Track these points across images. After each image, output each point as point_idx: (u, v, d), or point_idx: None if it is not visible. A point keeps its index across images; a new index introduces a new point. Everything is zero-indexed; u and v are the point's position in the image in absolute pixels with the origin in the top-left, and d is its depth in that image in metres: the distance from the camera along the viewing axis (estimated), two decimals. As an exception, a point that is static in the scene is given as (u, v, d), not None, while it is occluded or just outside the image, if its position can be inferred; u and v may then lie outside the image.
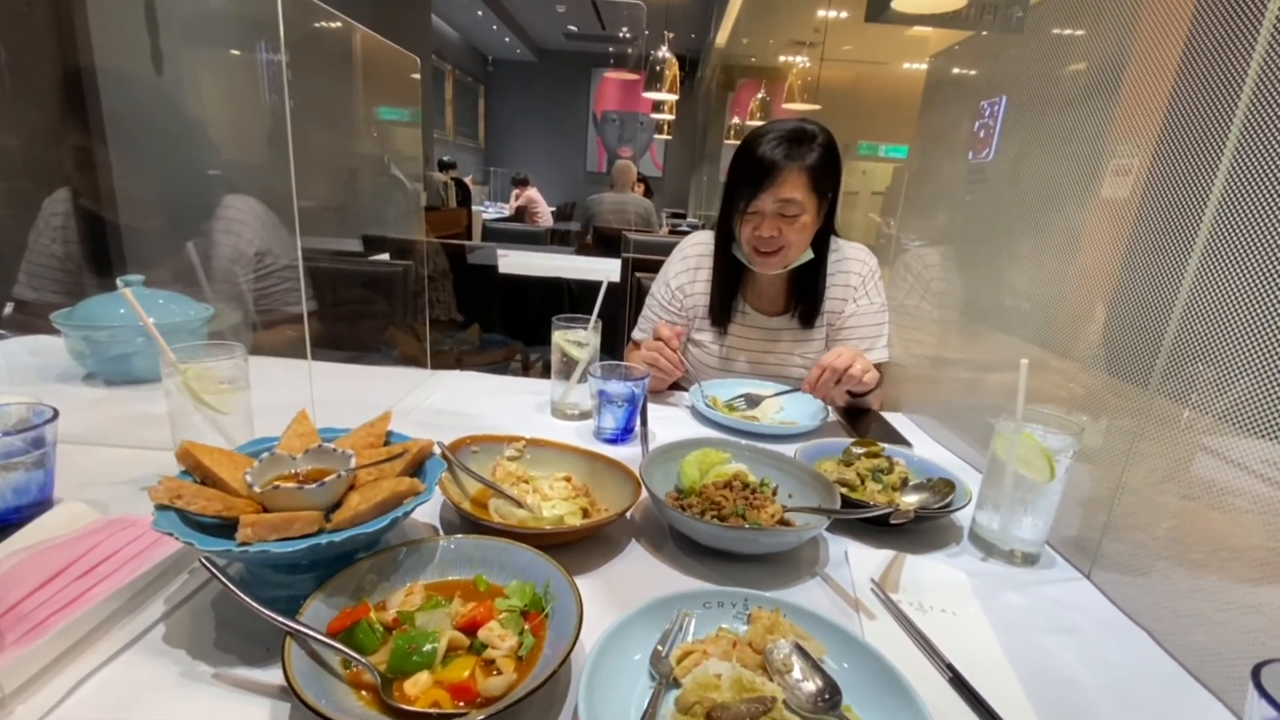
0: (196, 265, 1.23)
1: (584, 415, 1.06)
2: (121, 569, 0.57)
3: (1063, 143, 0.88)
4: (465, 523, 0.68)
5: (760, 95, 5.87)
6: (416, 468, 0.65)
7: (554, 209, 7.14)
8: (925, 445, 1.10)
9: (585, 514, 0.72)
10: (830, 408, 1.24)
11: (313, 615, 0.49)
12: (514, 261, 2.61)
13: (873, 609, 0.63)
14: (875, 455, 0.89)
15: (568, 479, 0.78)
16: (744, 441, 0.89)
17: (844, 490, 0.81)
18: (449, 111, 8.51)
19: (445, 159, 6.86)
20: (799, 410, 1.16)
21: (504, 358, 1.88)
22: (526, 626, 0.52)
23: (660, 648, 0.52)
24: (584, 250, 4.39)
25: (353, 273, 1.56)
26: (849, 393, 1.18)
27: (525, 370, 1.94)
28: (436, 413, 1.05)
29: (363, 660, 0.46)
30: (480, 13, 7.75)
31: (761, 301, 1.38)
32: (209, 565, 0.47)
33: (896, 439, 1.09)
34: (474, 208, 6.19)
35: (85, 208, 1.41)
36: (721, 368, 1.39)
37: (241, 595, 0.46)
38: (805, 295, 1.33)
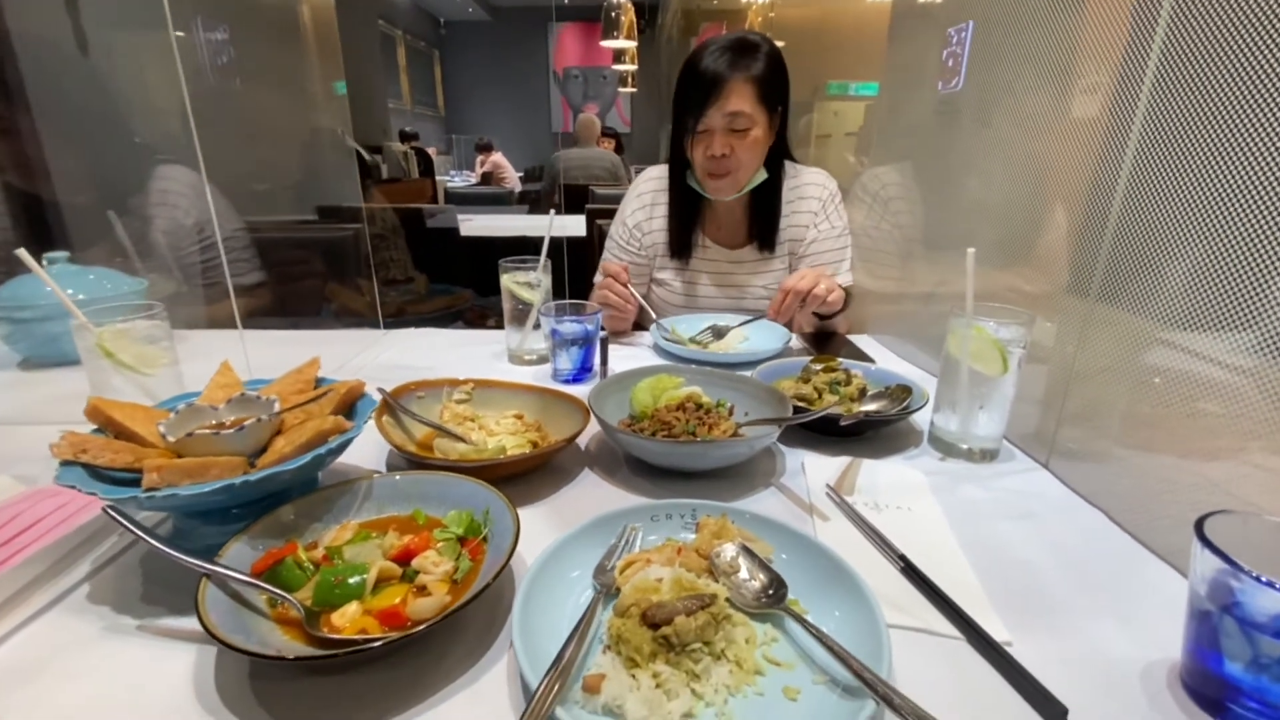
0: (121, 236, 1.17)
1: (543, 359, 1.04)
2: (45, 535, 0.54)
3: (1030, 64, 0.84)
4: (410, 464, 0.66)
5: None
6: (348, 408, 0.62)
7: (522, 173, 6.97)
8: (889, 362, 1.09)
9: (535, 446, 0.70)
10: (795, 334, 1.23)
11: (234, 557, 0.47)
12: (477, 225, 2.54)
13: (827, 512, 0.63)
14: (832, 370, 0.87)
15: (518, 416, 0.76)
16: (704, 366, 0.87)
17: (802, 404, 0.80)
18: (404, 80, 8.17)
19: (406, 129, 6.64)
20: (763, 339, 1.14)
21: (448, 304, 1.84)
22: (464, 552, 0.50)
23: (606, 561, 0.51)
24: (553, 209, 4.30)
25: (300, 240, 1.51)
26: (816, 315, 1.16)
27: (482, 323, 1.91)
28: (390, 368, 1.02)
29: (285, 595, 0.44)
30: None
31: (721, 233, 1.35)
32: (115, 514, 0.45)
33: (861, 358, 1.07)
34: (439, 177, 6.02)
35: (13, 185, 1.34)
36: (686, 305, 1.37)
37: (151, 540, 0.44)
38: (763, 221, 1.30)
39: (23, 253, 0.68)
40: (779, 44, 1.21)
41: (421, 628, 0.40)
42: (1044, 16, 0.79)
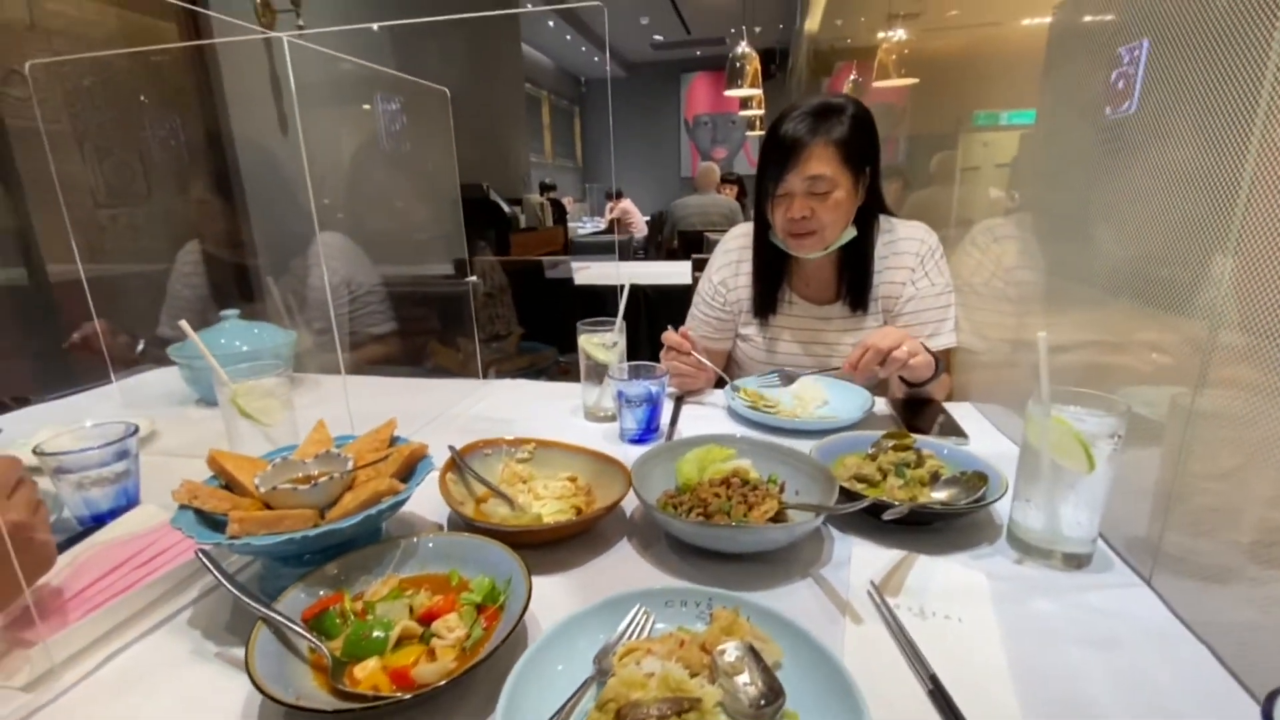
0: (275, 296, 1.39)
1: (614, 417, 1.07)
2: (166, 565, 0.66)
3: (1218, 84, 0.74)
4: (461, 521, 0.71)
5: (852, 78, 5.60)
6: (409, 470, 0.69)
7: (649, 218, 7.25)
8: (988, 438, 0.99)
9: (579, 512, 0.73)
10: (885, 400, 1.16)
11: (290, 602, 0.54)
12: (592, 273, 2.68)
13: (863, 613, 0.58)
14: (903, 449, 0.82)
15: (572, 479, 0.80)
16: (756, 436, 0.86)
17: (860, 486, 0.76)
18: (547, 135, 8.92)
19: (545, 181, 7.20)
20: (843, 404, 1.10)
21: (531, 362, 1.94)
22: (479, 619, 0.54)
23: (610, 644, 0.52)
24: (670, 255, 4.41)
25: (424, 295, 1.70)
26: (905, 382, 1.10)
27: (565, 376, 1.99)
28: (478, 419, 1.11)
29: (318, 643, 0.50)
30: (569, 37, 8.08)
31: (810, 289, 1.32)
32: (203, 557, 0.54)
33: (955, 432, 0.99)
34: (571, 224, 6.44)
35: (210, 253, 1.65)
36: (768, 361, 1.35)
37: (224, 582, 0.52)
38: (854, 277, 1.25)
39: (184, 324, 0.84)
40: (911, 80, 1.18)
41: (409, 695, 0.44)
42: (1232, 30, 0.69)
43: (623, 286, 1.06)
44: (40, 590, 0.57)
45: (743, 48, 4.66)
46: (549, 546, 0.68)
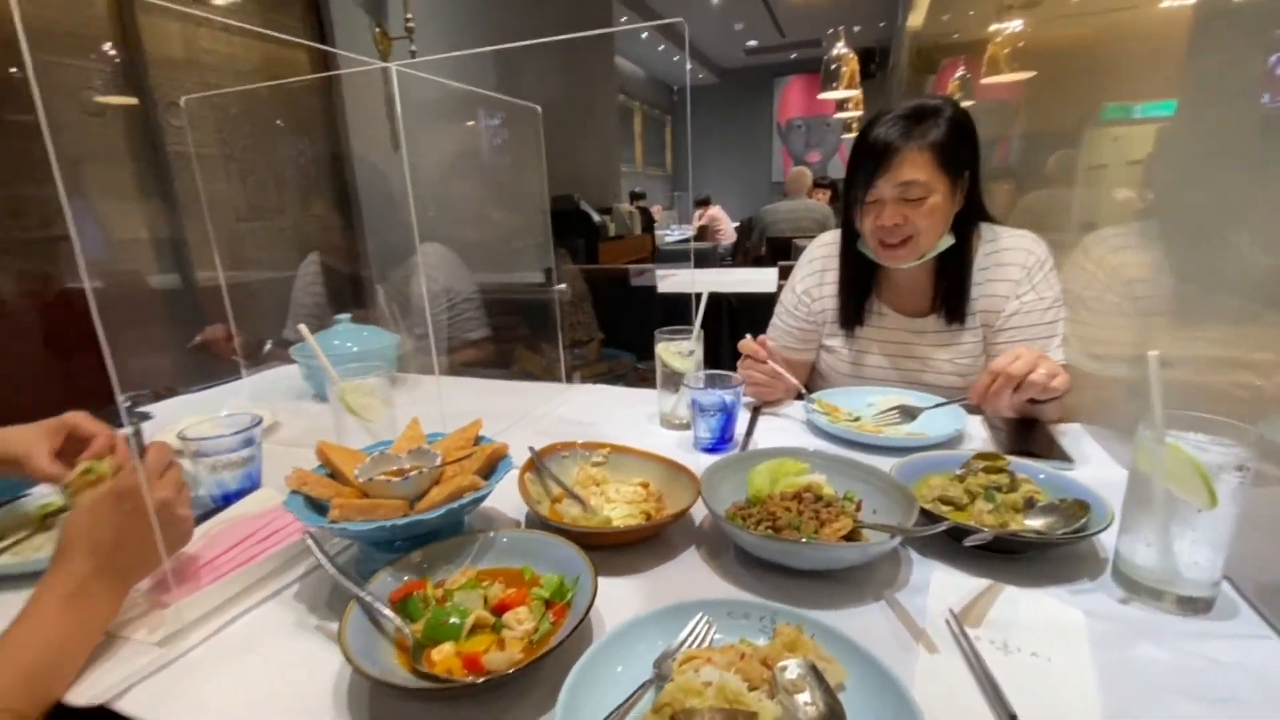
0: (382, 303, 1.51)
1: (689, 425, 1.08)
2: (280, 543, 0.74)
3: None
4: (537, 520, 0.74)
5: (960, 73, 5.29)
6: (491, 467, 0.73)
7: (737, 224, 7.19)
8: (1099, 464, 0.91)
9: (649, 518, 0.74)
10: (981, 419, 1.09)
11: (379, 585, 0.59)
12: (675, 281, 2.70)
13: (939, 642, 0.55)
14: (997, 470, 0.76)
15: (644, 484, 0.81)
16: (833, 451, 0.83)
17: (946, 509, 0.72)
18: (638, 145, 9.07)
19: (635, 190, 7.32)
20: (932, 419, 1.04)
21: (609, 369, 1.97)
22: (548, 614, 0.56)
23: (670, 650, 0.52)
24: (757, 263, 4.35)
25: (515, 302, 1.78)
26: (1031, 401, 1.01)
27: (642, 383, 2.01)
28: (560, 422, 1.15)
29: (402, 625, 0.54)
30: (662, 47, 8.19)
31: (901, 300, 1.26)
32: (309, 538, 0.60)
33: (1056, 454, 0.91)
34: (659, 232, 6.51)
35: (328, 264, 1.82)
36: (853, 375, 1.30)
37: (325, 561, 0.58)
38: (951, 288, 1.18)
39: (303, 327, 0.93)
40: (1026, 75, 1.10)
41: (479, 681, 0.47)
42: None
43: (700, 295, 1.06)
44: (177, 559, 0.65)
45: (839, 49, 4.53)
46: (617, 549, 0.70)
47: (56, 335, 0.68)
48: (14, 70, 1.68)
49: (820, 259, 1.34)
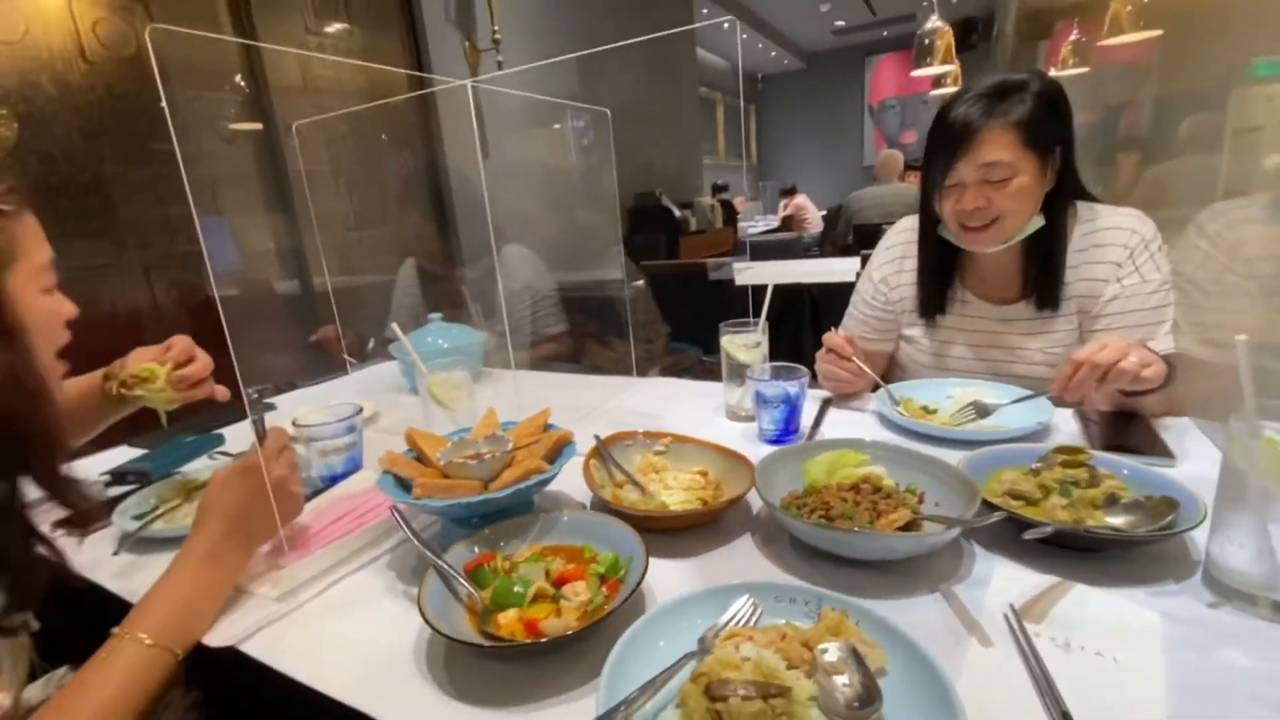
0: (470, 302, 1.62)
1: (754, 417, 1.09)
2: (376, 517, 0.83)
3: None
4: (599, 503, 0.79)
5: (1073, 38, 4.83)
6: (557, 453, 0.79)
7: (824, 212, 6.96)
8: (1203, 460, 0.83)
9: (705, 505, 0.76)
10: (1073, 412, 1.02)
11: (455, 556, 0.65)
12: (754, 273, 2.67)
13: (994, 636, 0.54)
14: (1076, 464, 0.72)
15: (703, 473, 0.84)
16: (896, 442, 0.82)
17: (1016, 504, 0.69)
18: (720, 136, 8.99)
19: (718, 182, 7.27)
20: (1014, 411, 0.99)
21: (675, 363, 1.98)
22: (603, 589, 0.60)
23: (714, 626, 0.55)
24: (844, 252, 4.20)
25: (589, 299, 1.85)
26: (1122, 392, 0.94)
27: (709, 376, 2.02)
28: (628, 413, 1.20)
29: (474, 591, 0.60)
30: (745, 35, 8.05)
31: (987, 286, 1.20)
32: (395, 512, 0.68)
33: (1156, 450, 0.85)
34: (742, 224, 6.42)
35: (424, 268, 1.96)
36: (935, 366, 1.25)
37: (409, 533, 0.65)
38: (1042, 272, 1.11)
39: (396, 326, 1.03)
40: (1153, 33, 1.01)
41: (542, 641, 0.51)
42: None
43: (765, 287, 1.06)
44: (291, 528, 0.75)
45: (932, 22, 4.27)
46: (674, 533, 0.73)
47: (202, 336, 0.81)
48: (162, 104, 1.94)
49: (899, 245, 1.29)
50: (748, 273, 2.63)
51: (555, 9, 3.67)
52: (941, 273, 1.21)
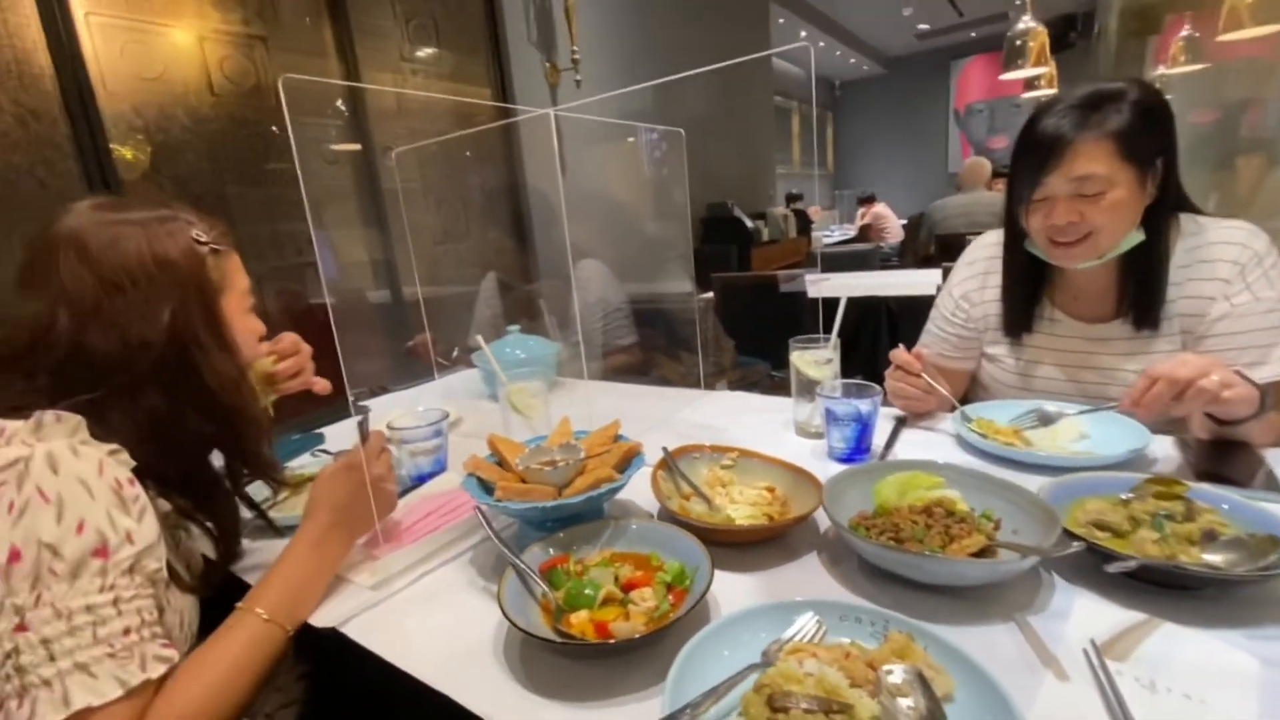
0: (546, 314, 1.68)
1: (824, 434, 1.08)
2: (462, 515, 0.88)
3: None
4: (667, 514, 0.81)
5: (1184, 33, 4.47)
6: (626, 463, 0.82)
7: (905, 222, 6.72)
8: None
9: (771, 520, 0.77)
10: (1174, 440, 0.96)
11: (531, 556, 0.69)
12: (827, 285, 2.63)
13: (1071, 671, 0.53)
14: (1171, 497, 0.68)
15: (770, 489, 0.85)
16: (973, 466, 0.80)
17: (1102, 536, 0.66)
18: (795, 145, 8.86)
19: (792, 191, 7.17)
20: (1107, 438, 0.94)
21: (742, 376, 1.96)
22: (669, 597, 0.63)
23: (778, 639, 0.56)
24: (925, 263, 4.05)
25: (657, 311, 1.89)
26: (1213, 419, 0.89)
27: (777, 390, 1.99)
28: (695, 426, 1.22)
29: (548, 591, 0.64)
30: (822, 43, 7.92)
31: (1079, 304, 1.14)
32: (479, 512, 0.73)
33: (1262, 483, 0.79)
34: (816, 233, 6.31)
35: (503, 281, 2.06)
36: (1021, 387, 1.20)
37: (491, 532, 0.70)
38: (1142, 289, 1.05)
39: (479, 337, 1.10)
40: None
41: (610, 642, 0.54)
42: None
43: (837, 301, 1.06)
44: (385, 523, 0.82)
45: (1025, 22, 4.06)
46: (739, 547, 0.75)
47: (306, 342, 0.91)
48: (274, 129, 2.14)
49: (983, 260, 1.25)
50: (821, 284, 2.59)
51: (633, 27, 3.76)
52: (1028, 289, 1.17)
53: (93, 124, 1.77)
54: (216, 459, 0.75)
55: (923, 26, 8.26)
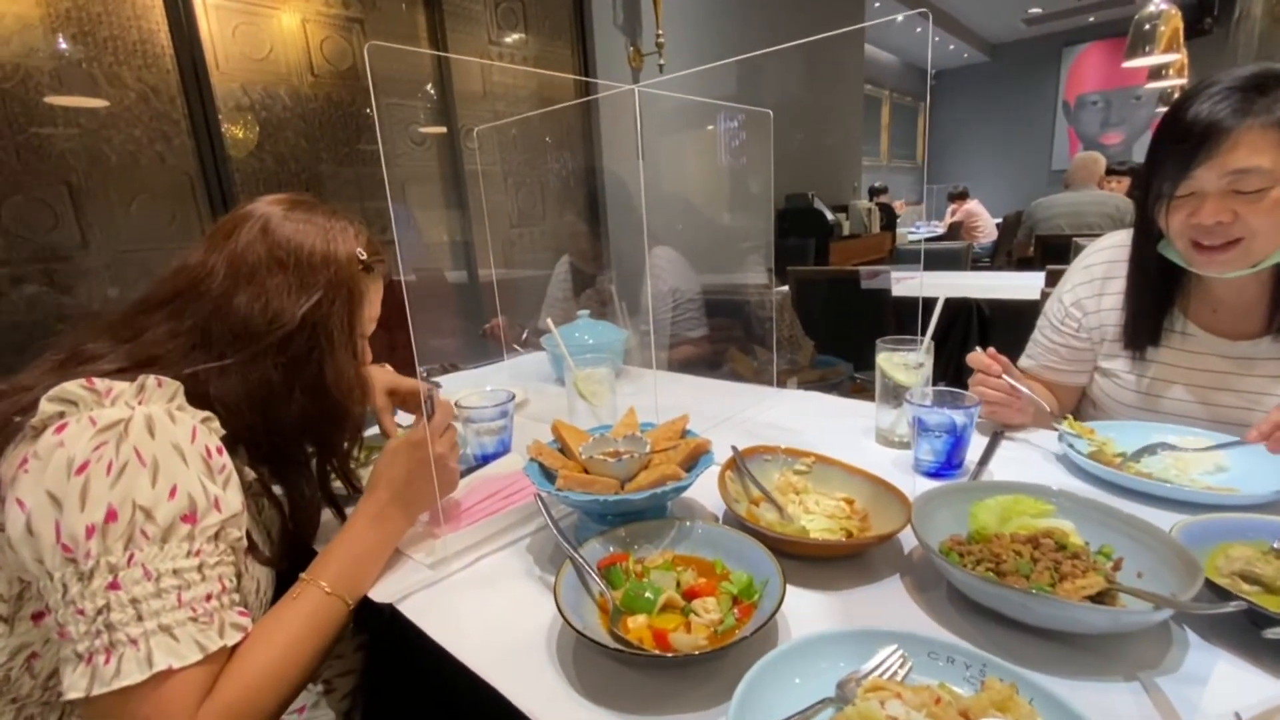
0: (615, 300, 1.65)
1: (909, 444, 0.99)
2: (522, 499, 0.87)
3: None
4: (734, 518, 0.76)
5: (1354, 14, 3.92)
6: (693, 461, 0.77)
7: (999, 221, 6.27)
8: None
9: (850, 535, 0.71)
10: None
11: (590, 551, 0.66)
12: (915, 283, 2.48)
13: (1213, 749, 0.44)
14: (1343, 551, 0.57)
15: (848, 500, 0.78)
16: (1091, 494, 0.70)
17: (1248, 589, 0.56)
18: (884, 136, 8.44)
19: (876, 184, 6.85)
20: (1250, 472, 0.81)
21: (822, 376, 1.85)
22: (734, 610, 0.58)
23: (856, 673, 0.50)
24: (1022, 265, 3.77)
25: (731, 303, 1.82)
26: None
27: (859, 394, 1.87)
28: (765, 426, 1.15)
29: (606, 589, 0.61)
30: (919, 29, 7.47)
31: (1218, 317, 1.00)
32: (539, 499, 0.70)
33: None
34: (902, 229, 5.99)
35: (576, 266, 2.05)
36: (1143, 407, 1.06)
37: (550, 521, 0.67)
38: None
39: (549, 321, 1.08)
40: None
41: (667, 655, 0.50)
42: None
43: (934, 301, 0.97)
44: (446, 502, 0.81)
45: (1156, 5, 3.66)
46: (812, 561, 0.69)
47: (385, 317, 0.92)
48: (367, 110, 2.21)
49: (1101, 265, 1.12)
50: (909, 282, 2.44)
51: (720, 12, 3.66)
52: (1158, 297, 1.03)
53: (206, 102, 1.88)
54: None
55: (1035, 10, 7.66)
